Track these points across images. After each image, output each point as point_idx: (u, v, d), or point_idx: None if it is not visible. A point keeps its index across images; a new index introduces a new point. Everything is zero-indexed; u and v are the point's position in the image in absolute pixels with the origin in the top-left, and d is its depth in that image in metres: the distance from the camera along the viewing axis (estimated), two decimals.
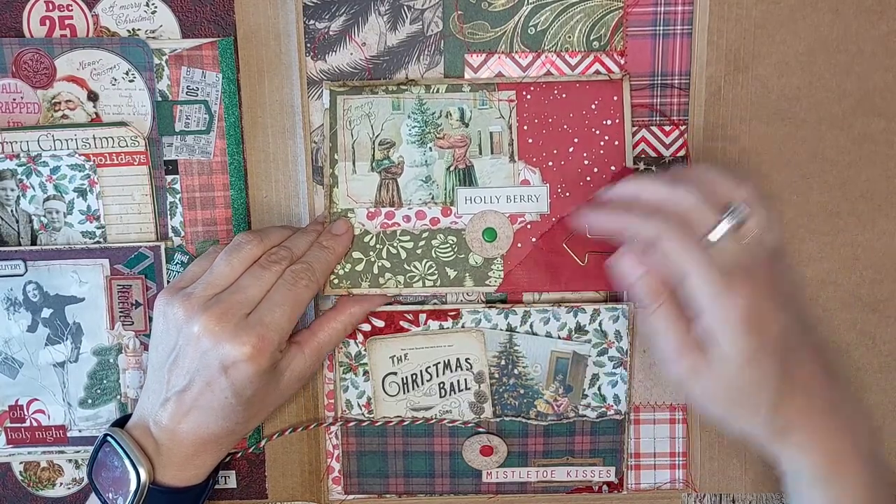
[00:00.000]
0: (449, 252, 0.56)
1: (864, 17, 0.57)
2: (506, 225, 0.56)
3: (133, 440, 0.53)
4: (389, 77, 0.57)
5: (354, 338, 0.59)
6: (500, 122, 0.56)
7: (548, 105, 0.56)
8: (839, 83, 0.57)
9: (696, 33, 0.56)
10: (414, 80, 0.57)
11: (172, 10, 0.57)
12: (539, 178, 0.56)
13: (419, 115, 0.56)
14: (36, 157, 0.58)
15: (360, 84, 0.57)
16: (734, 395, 0.49)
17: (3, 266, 0.58)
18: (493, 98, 0.56)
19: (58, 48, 0.57)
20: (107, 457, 0.53)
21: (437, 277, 0.56)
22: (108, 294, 0.59)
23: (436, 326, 0.58)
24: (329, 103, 0.57)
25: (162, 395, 0.52)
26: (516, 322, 0.58)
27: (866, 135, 0.58)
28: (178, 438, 0.52)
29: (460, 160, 0.56)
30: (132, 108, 0.58)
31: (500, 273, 0.56)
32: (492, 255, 0.56)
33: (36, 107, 0.58)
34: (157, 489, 0.52)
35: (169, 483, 0.53)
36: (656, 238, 0.48)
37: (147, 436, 0.53)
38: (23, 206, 0.59)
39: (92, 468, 0.54)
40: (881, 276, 0.59)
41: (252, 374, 0.51)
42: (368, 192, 0.57)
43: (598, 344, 0.58)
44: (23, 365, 0.59)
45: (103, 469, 0.53)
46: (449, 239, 0.56)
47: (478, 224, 0.56)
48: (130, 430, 0.54)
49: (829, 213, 0.58)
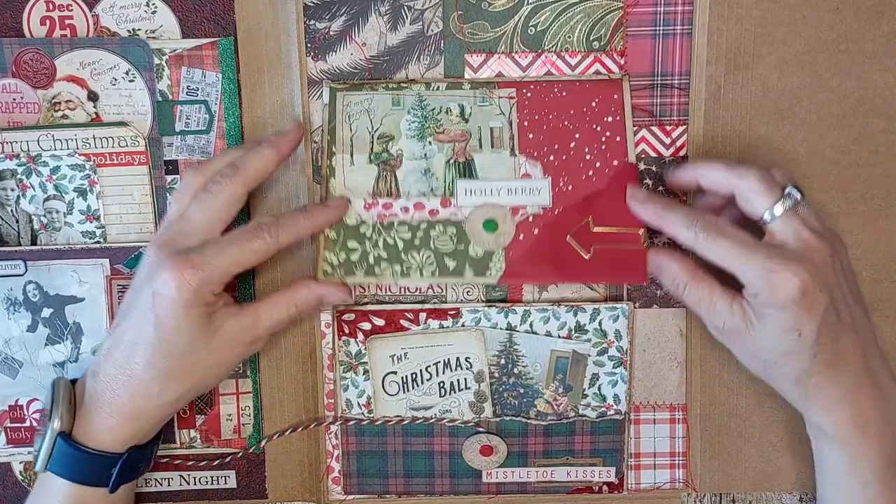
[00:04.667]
0: (448, 243, 0.56)
1: (865, 16, 0.57)
2: (507, 217, 0.56)
3: (68, 389, 0.53)
4: (390, 77, 0.57)
5: (355, 336, 0.59)
6: (501, 119, 0.56)
7: (548, 102, 0.56)
8: (839, 83, 0.57)
9: (696, 33, 0.56)
10: (414, 80, 0.57)
11: (172, 9, 0.57)
12: (540, 172, 0.56)
13: (419, 110, 0.56)
14: (36, 156, 0.58)
15: (361, 82, 0.57)
16: (769, 358, 0.51)
17: (3, 266, 0.58)
18: (493, 95, 0.56)
19: (58, 48, 0.57)
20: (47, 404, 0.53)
21: (436, 268, 0.56)
22: (109, 294, 0.59)
23: (436, 325, 0.58)
24: (329, 99, 0.57)
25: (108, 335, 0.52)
26: (516, 321, 0.58)
27: (866, 135, 0.58)
28: (99, 389, 0.51)
29: (460, 154, 0.56)
30: (132, 108, 0.58)
31: (500, 265, 0.56)
32: (493, 247, 0.56)
33: (36, 107, 0.58)
34: (68, 444, 0.51)
35: (82, 441, 0.51)
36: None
37: (81, 387, 0.53)
38: (23, 206, 0.59)
39: (42, 415, 0.54)
40: (881, 275, 0.59)
41: (177, 306, 0.49)
42: (366, 183, 0.56)
43: (598, 343, 0.58)
44: (23, 365, 0.59)
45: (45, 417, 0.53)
46: (448, 230, 0.56)
47: (478, 216, 0.56)
48: (77, 381, 0.54)
49: (830, 213, 0.58)
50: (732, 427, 0.60)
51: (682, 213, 0.52)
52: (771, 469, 0.60)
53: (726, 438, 0.60)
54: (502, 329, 0.58)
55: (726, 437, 0.60)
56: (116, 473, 0.52)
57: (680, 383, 0.59)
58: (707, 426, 0.60)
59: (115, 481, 0.52)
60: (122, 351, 0.51)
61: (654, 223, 0.53)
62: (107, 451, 0.52)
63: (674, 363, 0.59)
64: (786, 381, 0.52)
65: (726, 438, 0.60)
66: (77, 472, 0.52)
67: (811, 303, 0.48)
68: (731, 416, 0.60)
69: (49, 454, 0.51)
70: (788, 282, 0.48)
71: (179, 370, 0.51)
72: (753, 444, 0.60)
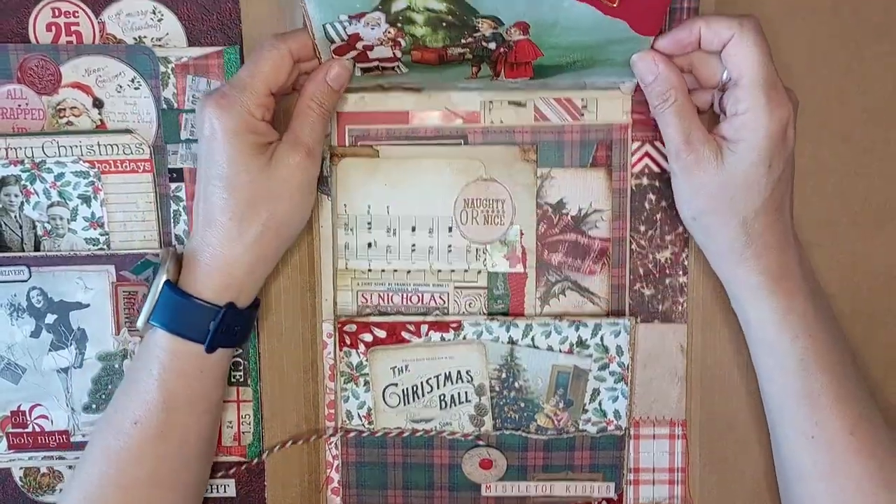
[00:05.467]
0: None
1: (867, 34, 0.57)
2: None
3: (176, 249, 0.57)
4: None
5: (356, 347, 0.59)
6: None
7: None
8: (840, 95, 0.57)
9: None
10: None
11: (179, 18, 0.57)
12: None
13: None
14: (40, 163, 0.58)
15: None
16: (726, 193, 0.51)
17: (7, 272, 0.59)
18: None
19: (63, 54, 0.57)
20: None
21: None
22: (114, 300, 0.59)
23: (437, 338, 0.58)
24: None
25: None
26: (518, 335, 0.58)
27: (866, 145, 0.58)
28: (195, 245, 0.53)
29: None
30: (137, 116, 0.58)
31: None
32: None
33: (41, 113, 0.58)
34: (172, 291, 0.53)
35: (185, 289, 0.53)
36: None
37: (186, 247, 0.55)
38: (26, 212, 0.59)
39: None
40: (880, 285, 0.59)
41: (224, 136, 0.51)
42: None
43: (600, 358, 0.58)
44: (26, 370, 0.60)
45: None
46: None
47: None
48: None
49: (829, 222, 0.58)
50: (732, 443, 0.60)
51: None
52: (771, 484, 0.60)
53: (726, 454, 0.60)
54: (504, 343, 0.58)
55: (726, 453, 0.60)
56: (214, 328, 0.53)
57: (680, 399, 0.60)
58: (707, 442, 0.60)
59: (211, 338, 0.53)
60: (201, 204, 0.53)
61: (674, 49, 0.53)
62: (207, 301, 0.53)
63: (674, 379, 0.59)
64: (728, 226, 0.52)
65: (726, 454, 0.60)
66: (177, 320, 0.53)
67: (789, 136, 0.51)
68: (730, 432, 0.60)
69: (154, 304, 0.53)
70: (781, 109, 0.50)
71: (248, 206, 0.52)
72: (753, 460, 0.60)
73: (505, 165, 0.58)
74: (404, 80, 0.56)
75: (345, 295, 0.59)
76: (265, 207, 0.53)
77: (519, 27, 0.51)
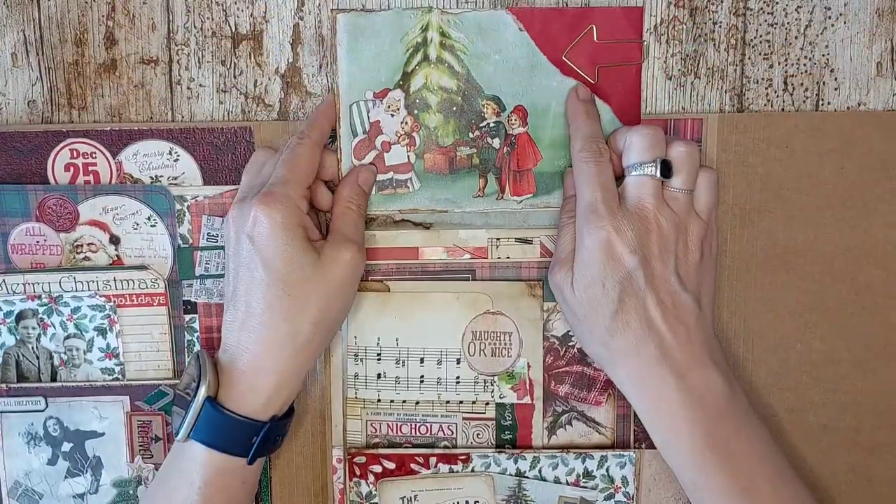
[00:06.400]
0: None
1: (869, 174, 0.58)
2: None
3: (211, 359, 0.54)
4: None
5: (366, 478, 0.60)
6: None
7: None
8: (843, 237, 0.59)
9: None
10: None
11: (194, 158, 0.59)
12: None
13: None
14: (57, 297, 0.59)
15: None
16: (581, 311, 0.53)
17: (24, 402, 0.60)
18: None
19: (81, 194, 0.58)
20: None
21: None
22: (129, 429, 0.60)
23: (446, 469, 0.60)
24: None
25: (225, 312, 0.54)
26: (525, 467, 0.59)
27: (867, 286, 0.59)
28: (232, 357, 0.53)
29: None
30: (153, 252, 0.59)
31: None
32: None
33: (58, 249, 0.59)
34: (214, 409, 0.52)
35: (227, 405, 0.52)
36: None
37: (220, 359, 0.54)
38: (43, 344, 0.60)
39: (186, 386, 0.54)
40: (881, 421, 0.60)
41: (276, 231, 0.51)
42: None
43: (605, 489, 0.60)
44: (42, 496, 0.61)
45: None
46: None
47: None
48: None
49: (831, 360, 0.60)
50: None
51: (591, 126, 0.55)
52: None
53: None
54: (511, 475, 0.59)
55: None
56: (259, 442, 0.53)
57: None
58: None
59: (255, 451, 0.53)
60: (240, 310, 0.53)
61: (570, 118, 0.56)
62: (251, 417, 0.52)
63: (679, 501, 0.61)
64: (593, 343, 0.54)
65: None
66: (220, 438, 0.52)
67: (616, 260, 0.51)
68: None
69: (195, 420, 0.52)
70: (599, 231, 0.51)
71: (300, 302, 0.52)
72: None
73: (512, 300, 0.59)
74: (415, 204, 0.58)
75: (354, 423, 0.61)
76: (317, 307, 0.53)
77: (518, 113, 0.57)
